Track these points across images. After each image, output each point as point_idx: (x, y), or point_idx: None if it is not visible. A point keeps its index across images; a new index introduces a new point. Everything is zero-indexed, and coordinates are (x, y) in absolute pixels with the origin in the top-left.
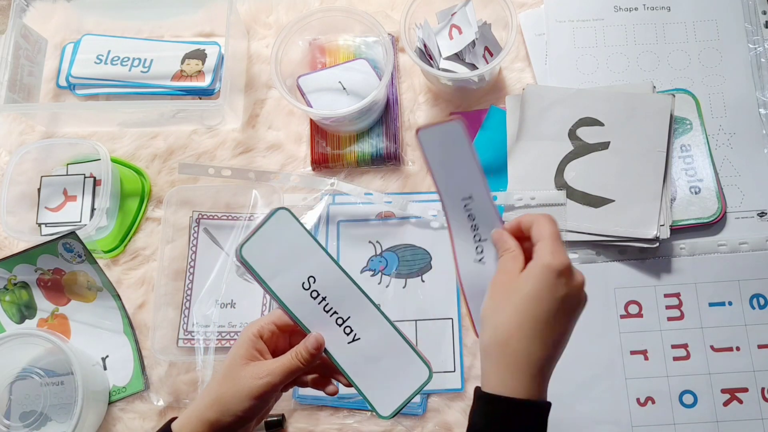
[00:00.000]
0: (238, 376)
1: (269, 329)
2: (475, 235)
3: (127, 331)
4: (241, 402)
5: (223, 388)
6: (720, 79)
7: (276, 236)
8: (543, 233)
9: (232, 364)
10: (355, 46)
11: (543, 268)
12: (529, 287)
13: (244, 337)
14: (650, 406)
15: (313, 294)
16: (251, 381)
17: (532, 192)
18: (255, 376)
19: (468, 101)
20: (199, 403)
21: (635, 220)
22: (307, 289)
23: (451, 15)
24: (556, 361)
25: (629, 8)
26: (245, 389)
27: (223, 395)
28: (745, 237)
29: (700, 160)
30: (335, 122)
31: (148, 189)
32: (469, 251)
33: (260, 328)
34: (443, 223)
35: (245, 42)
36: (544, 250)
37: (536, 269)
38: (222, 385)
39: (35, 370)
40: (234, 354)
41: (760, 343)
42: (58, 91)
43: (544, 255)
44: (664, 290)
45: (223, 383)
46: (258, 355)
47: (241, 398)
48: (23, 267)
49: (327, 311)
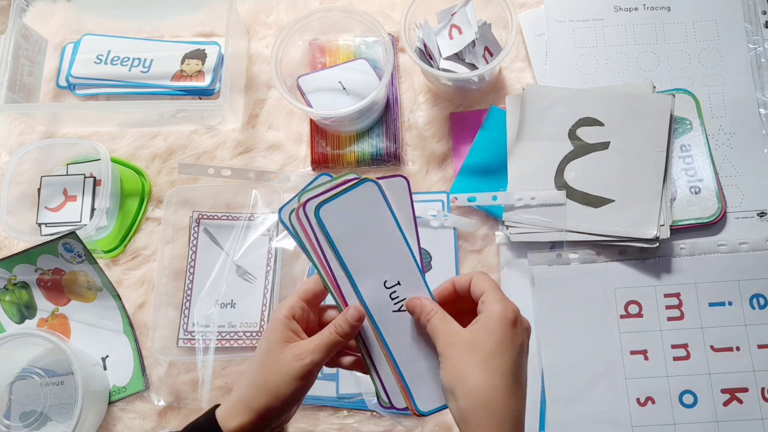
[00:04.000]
0: (279, 360)
1: (300, 307)
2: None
3: (127, 331)
4: (287, 385)
5: (266, 374)
6: (720, 79)
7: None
8: (484, 286)
9: (269, 349)
10: (355, 46)
11: (498, 319)
12: (491, 343)
13: (276, 321)
14: (650, 406)
15: (386, 283)
16: (294, 362)
17: (532, 192)
18: (297, 357)
19: (468, 101)
20: (243, 392)
21: (635, 220)
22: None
23: (451, 15)
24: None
25: (629, 8)
26: (290, 371)
27: (267, 381)
28: (745, 237)
29: (700, 160)
30: (335, 122)
31: (148, 189)
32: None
33: (290, 309)
34: (443, 223)
35: (245, 42)
36: (493, 301)
37: (491, 322)
38: (264, 371)
39: (35, 370)
40: (269, 338)
41: (760, 343)
42: (58, 91)
43: (494, 306)
44: (664, 290)
45: (265, 369)
46: (294, 336)
47: (288, 381)
48: (23, 267)
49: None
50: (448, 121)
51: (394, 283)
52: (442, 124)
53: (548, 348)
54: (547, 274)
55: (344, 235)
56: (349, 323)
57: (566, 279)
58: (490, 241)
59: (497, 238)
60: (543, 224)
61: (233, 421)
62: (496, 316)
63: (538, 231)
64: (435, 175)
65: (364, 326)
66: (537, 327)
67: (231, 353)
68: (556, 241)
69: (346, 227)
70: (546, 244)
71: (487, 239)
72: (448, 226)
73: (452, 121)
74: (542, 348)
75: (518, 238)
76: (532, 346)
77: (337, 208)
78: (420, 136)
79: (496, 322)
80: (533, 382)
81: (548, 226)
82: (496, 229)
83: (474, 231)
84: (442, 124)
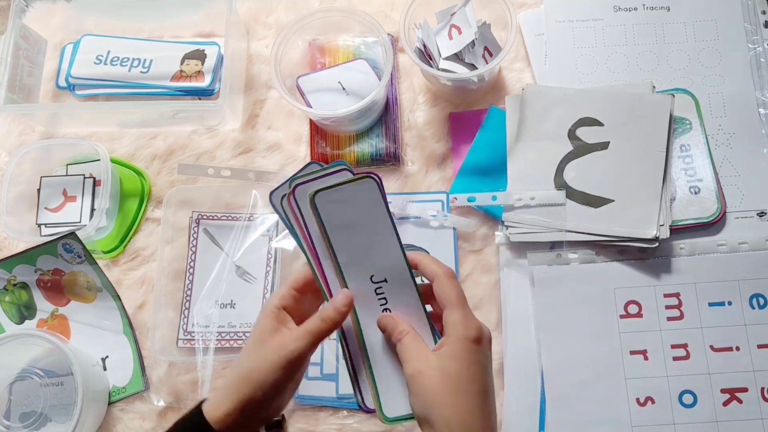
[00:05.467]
0: (264, 350)
1: (290, 296)
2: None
3: (127, 331)
4: (270, 374)
5: (251, 364)
6: (720, 79)
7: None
8: (445, 299)
9: (256, 339)
10: (355, 47)
11: (462, 342)
12: (459, 368)
13: (264, 312)
14: (650, 406)
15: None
16: (278, 351)
17: (531, 192)
18: (281, 346)
19: (468, 101)
20: (229, 382)
21: (635, 220)
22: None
23: (450, 15)
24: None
25: (629, 8)
26: (273, 361)
27: (251, 371)
28: (745, 237)
29: (699, 160)
30: (335, 122)
31: (148, 189)
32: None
33: (280, 299)
34: (443, 223)
35: (245, 42)
36: (455, 323)
37: (457, 346)
38: (249, 361)
39: (35, 370)
40: (257, 329)
41: (760, 343)
42: (58, 91)
43: (458, 329)
44: (663, 290)
45: (250, 359)
46: (281, 326)
47: (271, 370)
48: (23, 267)
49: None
50: (447, 121)
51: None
52: (441, 124)
53: (548, 348)
54: (546, 274)
55: (337, 225)
56: (337, 310)
57: (566, 279)
58: (490, 241)
59: (497, 238)
60: (543, 224)
61: (218, 411)
62: (461, 339)
63: (538, 231)
64: (435, 175)
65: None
66: (537, 327)
67: (231, 353)
68: (556, 241)
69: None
70: (546, 244)
71: (487, 239)
72: (447, 226)
73: (452, 121)
74: (542, 348)
75: (518, 238)
76: (533, 345)
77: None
78: (419, 136)
79: (461, 346)
80: (533, 382)
81: (548, 226)
82: (495, 229)
83: (474, 231)
84: (442, 124)
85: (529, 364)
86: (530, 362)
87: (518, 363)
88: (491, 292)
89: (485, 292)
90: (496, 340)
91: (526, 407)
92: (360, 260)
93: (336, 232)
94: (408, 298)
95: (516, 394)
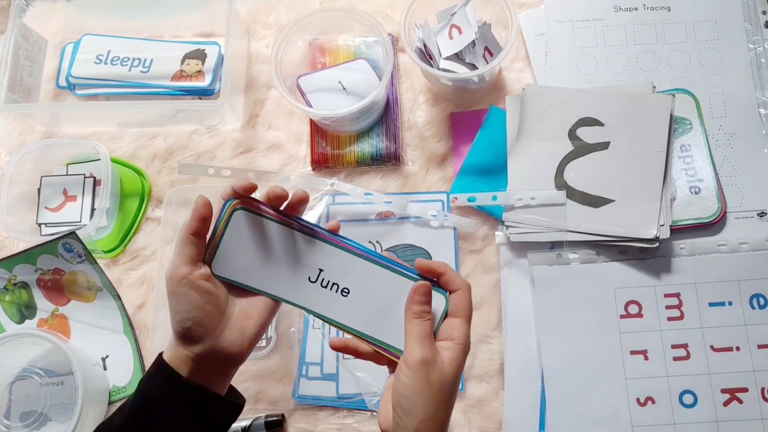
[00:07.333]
0: (177, 290)
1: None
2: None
3: (127, 331)
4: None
5: (173, 304)
6: (720, 79)
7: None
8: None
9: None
10: (355, 46)
11: (464, 352)
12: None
13: (179, 243)
14: (650, 406)
15: (311, 278)
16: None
17: (532, 192)
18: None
19: (468, 101)
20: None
21: (635, 220)
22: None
23: (451, 15)
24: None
25: (629, 8)
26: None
27: (176, 306)
28: (745, 237)
29: (700, 160)
30: (335, 122)
31: (148, 189)
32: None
33: (193, 226)
34: (443, 223)
35: (245, 42)
36: (464, 332)
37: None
38: (171, 303)
39: (35, 370)
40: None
41: (760, 343)
42: (58, 91)
43: (463, 338)
44: (664, 290)
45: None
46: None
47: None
48: (23, 267)
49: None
50: (448, 121)
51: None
52: (442, 124)
53: (548, 348)
54: (547, 274)
55: (248, 270)
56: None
57: (566, 279)
58: (490, 241)
59: (497, 238)
60: (543, 224)
61: (168, 352)
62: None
63: (538, 231)
64: (435, 175)
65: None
66: (537, 327)
67: None
68: (556, 241)
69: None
70: (546, 244)
71: (487, 239)
72: (448, 226)
73: (452, 121)
74: (542, 348)
75: (518, 238)
76: (533, 345)
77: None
78: (420, 136)
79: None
80: (533, 382)
81: (548, 226)
82: (496, 229)
83: (474, 231)
84: (442, 124)
85: (529, 364)
86: (530, 362)
87: (518, 363)
88: (491, 291)
89: (485, 292)
90: (496, 340)
91: (526, 407)
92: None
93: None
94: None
95: (516, 394)
